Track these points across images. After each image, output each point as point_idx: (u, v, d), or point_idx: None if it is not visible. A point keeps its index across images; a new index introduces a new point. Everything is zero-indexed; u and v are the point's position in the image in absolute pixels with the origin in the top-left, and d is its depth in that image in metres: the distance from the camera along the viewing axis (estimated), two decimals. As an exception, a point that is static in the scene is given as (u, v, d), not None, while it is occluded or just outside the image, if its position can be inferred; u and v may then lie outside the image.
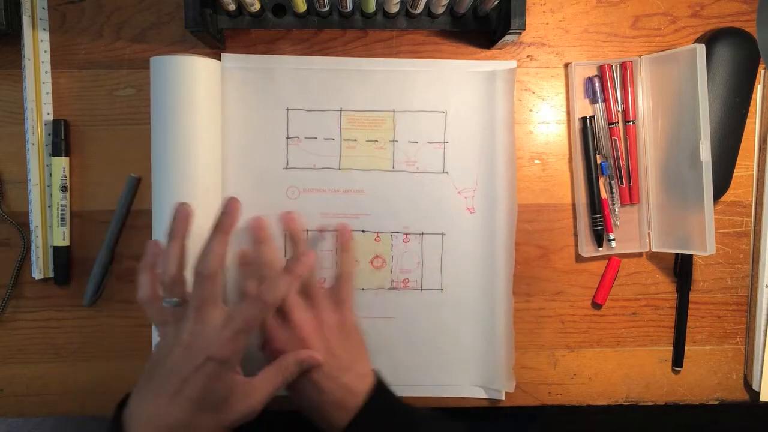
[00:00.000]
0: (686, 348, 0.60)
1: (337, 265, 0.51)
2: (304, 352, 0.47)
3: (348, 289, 0.51)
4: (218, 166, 0.56)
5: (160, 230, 0.53)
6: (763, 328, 0.59)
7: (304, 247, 0.54)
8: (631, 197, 0.59)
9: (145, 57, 0.57)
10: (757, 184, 0.60)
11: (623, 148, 0.59)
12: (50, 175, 0.56)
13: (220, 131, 0.56)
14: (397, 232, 0.59)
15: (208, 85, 0.54)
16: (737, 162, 0.59)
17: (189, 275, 0.47)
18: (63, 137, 0.56)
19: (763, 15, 0.49)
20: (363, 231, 0.58)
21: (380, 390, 0.49)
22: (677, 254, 0.60)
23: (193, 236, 0.51)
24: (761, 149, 0.60)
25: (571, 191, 0.60)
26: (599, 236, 0.59)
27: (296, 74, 0.58)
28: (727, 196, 0.60)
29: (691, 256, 0.59)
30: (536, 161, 0.60)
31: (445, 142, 0.58)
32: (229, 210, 0.48)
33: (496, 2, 0.52)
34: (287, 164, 0.58)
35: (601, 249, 0.59)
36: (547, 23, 0.59)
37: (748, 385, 0.61)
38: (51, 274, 0.57)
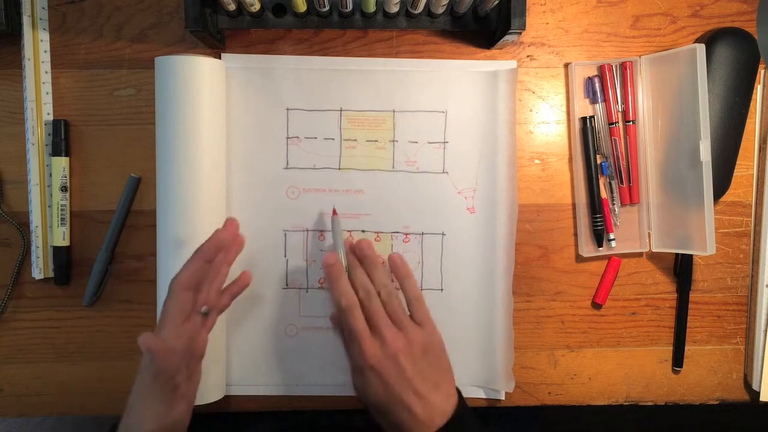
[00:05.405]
0: (686, 348, 0.60)
1: (405, 292, 0.51)
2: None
3: (425, 310, 0.51)
4: (223, 166, 0.56)
5: (164, 229, 0.53)
6: (763, 328, 0.59)
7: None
8: (631, 197, 0.59)
9: (145, 57, 0.57)
10: (757, 184, 0.60)
11: (623, 148, 0.59)
12: (50, 175, 0.56)
13: (225, 131, 0.56)
14: (397, 232, 0.59)
15: (213, 85, 0.54)
16: (737, 162, 0.59)
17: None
18: (63, 137, 0.56)
19: (763, 15, 0.49)
20: (363, 231, 0.58)
21: (463, 411, 0.49)
22: (677, 254, 0.60)
23: (199, 236, 0.51)
24: (761, 149, 0.60)
25: (571, 191, 0.60)
26: (599, 236, 0.59)
27: (296, 74, 0.58)
28: (727, 196, 0.60)
29: (691, 256, 0.59)
30: (536, 161, 0.60)
31: (445, 142, 0.58)
32: (216, 236, 0.49)
33: (496, 2, 0.52)
34: (287, 164, 0.58)
35: (601, 249, 0.59)
36: (547, 23, 0.59)
37: (748, 385, 0.61)
38: (51, 274, 0.57)
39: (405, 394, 0.46)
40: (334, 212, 0.56)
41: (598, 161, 0.59)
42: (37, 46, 0.56)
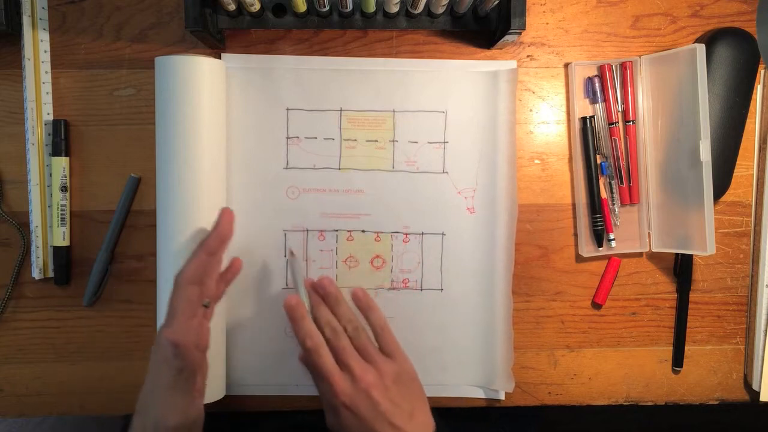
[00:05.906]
0: (686, 348, 0.60)
1: (371, 323, 0.52)
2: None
3: (393, 339, 0.51)
4: (223, 166, 0.55)
5: (164, 229, 0.53)
6: (763, 328, 0.59)
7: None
8: (631, 197, 0.59)
9: (145, 57, 0.57)
10: (757, 184, 0.60)
11: (623, 148, 0.59)
12: (50, 175, 0.56)
13: (225, 131, 0.56)
14: (397, 232, 0.59)
15: (213, 85, 0.54)
16: (737, 162, 0.59)
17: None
18: (63, 137, 0.56)
19: (763, 15, 0.49)
20: (363, 231, 0.58)
21: None
22: (677, 254, 0.60)
23: (199, 236, 0.51)
24: (761, 149, 0.60)
25: (571, 191, 0.60)
26: (599, 236, 0.59)
27: (296, 74, 0.58)
28: (727, 196, 0.60)
29: (691, 256, 0.59)
30: (536, 161, 0.60)
31: (445, 142, 0.58)
32: (219, 230, 0.49)
33: (496, 2, 0.52)
34: (287, 164, 0.58)
35: (601, 249, 0.59)
36: (547, 23, 0.59)
37: (748, 385, 0.61)
38: (51, 274, 0.57)
39: (381, 428, 0.46)
40: (292, 254, 0.57)
41: (598, 161, 0.59)
42: (37, 46, 0.56)
